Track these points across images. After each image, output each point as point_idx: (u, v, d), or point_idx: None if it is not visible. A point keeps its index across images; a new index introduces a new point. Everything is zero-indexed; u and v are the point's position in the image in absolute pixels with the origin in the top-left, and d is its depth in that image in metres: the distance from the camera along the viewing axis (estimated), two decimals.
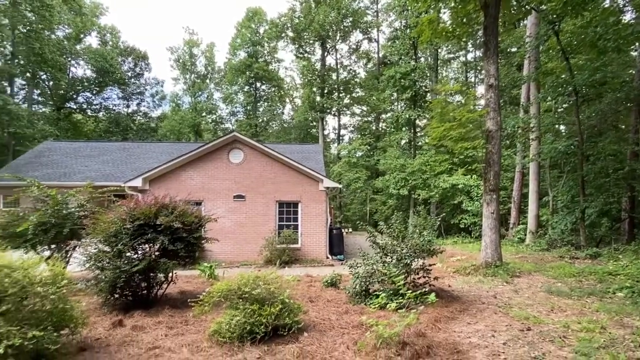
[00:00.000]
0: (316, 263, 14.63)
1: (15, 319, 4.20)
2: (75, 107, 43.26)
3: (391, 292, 6.95)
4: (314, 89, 41.02)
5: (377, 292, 7.41)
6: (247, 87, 46.71)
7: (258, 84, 47.03)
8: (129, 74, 45.33)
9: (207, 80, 50.17)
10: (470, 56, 40.55)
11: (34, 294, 4.41)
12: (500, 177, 12.48)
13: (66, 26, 38.40)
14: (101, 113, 44.58)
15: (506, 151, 23.39)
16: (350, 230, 32.14)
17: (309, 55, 42.11)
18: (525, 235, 19.59)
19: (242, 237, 15.24)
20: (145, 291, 7.40)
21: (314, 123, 44.27)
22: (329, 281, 9.43)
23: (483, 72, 15.03)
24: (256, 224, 15.53)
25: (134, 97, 45.97)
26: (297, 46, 42.23)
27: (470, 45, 37.51)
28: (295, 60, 45.09)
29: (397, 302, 5.77)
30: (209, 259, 13.47)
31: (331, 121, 60.04)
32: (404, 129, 32.65)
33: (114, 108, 44.84)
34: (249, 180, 15.75)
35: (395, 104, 35.68)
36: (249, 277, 5.60)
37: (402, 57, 31.78)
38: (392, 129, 33.82)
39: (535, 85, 19.70)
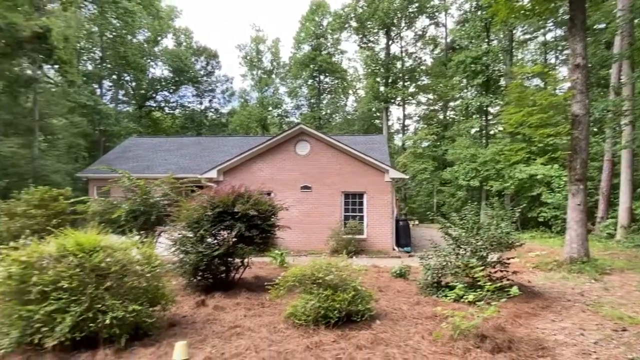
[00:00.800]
0: (382, 254, 14.52)
1: (117, 294, 4.71)
2: (154, 105, 46.89)
3: (466, 284, 6.70)
4: (378, 79, 40.38)
5: (451, 284, 7.19)
6: (310, 80, 47.26)
7: (321, 77, 47.37)
8: (202, 72, 47.99)
9: (273, 75, 51.52)
10: (550, 36, 37.25)
11: (132, 272, 4.90)
12: (587, 166, 11.40)
13: (145, 30, 41.61)
14: (177, 110, 47.89)
15: (593, 138, 21.27)
16: (417, 222, 31.38)
17: (373, 45, 41.51)
18: (615, 230, 17.75)
19: (309, 227, 15.54)
20: (224, 274, 7.88)
21: (378, 114, 43.67)
22: (397, 272, 9.33)
23: (566, 52, 13.72)
24: (322, 214, 15.76)
25: (206, 94, 48.66)
26: (360, 36, 41.80)
27: (550, 23, 34.42)
28: (359, 50, 44.70)
29: (474, 295, 5.56)
30: (278, 247, 13.95)
31: (395, 111, 58.71)
32: (474, 116, 31.00)
33: (188, 105, 47.91)
34: (315, 171, 16.00)
35: (465, 90, 33.98)
36: (322, 263, 5.73)
37: (473, 40, 30.10)
38: (462, 117, 32.28)
39: (628, 63, 17.61)
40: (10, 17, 19.64)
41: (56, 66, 25.76)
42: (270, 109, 50.49)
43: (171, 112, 47.78)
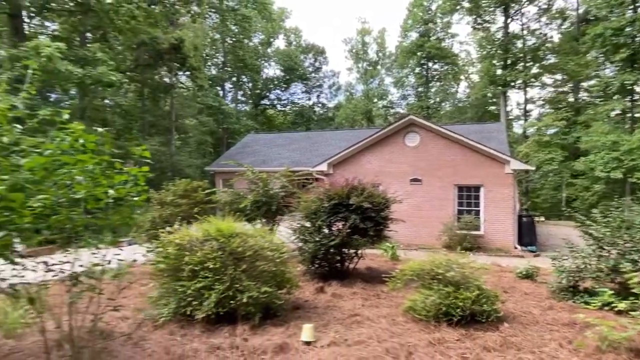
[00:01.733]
0: (502, 252, 13.46)
1: (251, 276, 5.21)
2: (268, 103, 50.30)
3: (612, 291, 5.86)
4: (495, 61, 37.16)
5: (591, 290, 6.37)
6: (418, 69, 45.73)
7: (430, 64, 45.44)
8: (310, 69, 49.85)
9: (379, 67, 51.15)
10: None
11: (263, 257, 5.38)
12: None
13: (259, 33, 44.76)
14: (288, 107, 50.63)
15: None
16: (542, 219, 28.26)
17: (489, 25, 38.24)
18: None
19: (419, 221, 15.12)
20: (339, 264, 8.15)
21: (494, 99, 40.30)
22: (523, 273, 8.58)
23: None
24: (433, 208, 15.21)
25: (314, 90, 50.50)
26: (474, 17, 38.86)
27: None
28: (471, 32, 41.66)
29: (625, 303, 4.83)
30: (388, 240, 13.91)
31: (514, 96, 53.58)
32: (615, 97, 26.59)
33: (298, 102, 50.30)
34: (425, 163, 15.49)
35: (603, 67, 29.33)
36: (441, 259, 5.55)
37: (614, 9, 25.74)
38: (599, 99, 27.96)
39: None
40: (152, 32, 22.88)
41: (187, 73, 29.28)
42: (375, 100, 50.30)
43: (282, 109, 50.70)
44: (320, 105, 51.82)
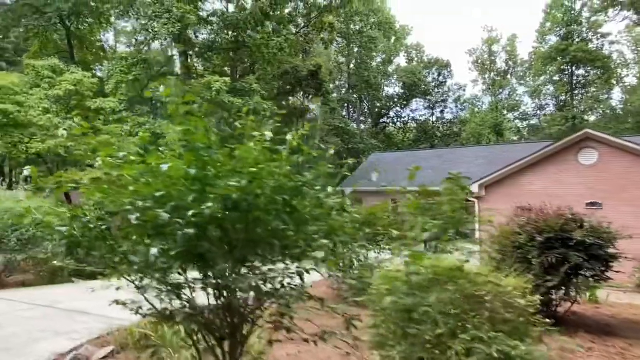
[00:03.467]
0: None
1: (492, 325, 4.55)
2: (387, 121, 49.89)
3: None
4: None
5: None
6: (558, 76, 40.85)
7: (574, 69, 40.23)
8: (433, 84, 48.18)
9: (509, 76, 47.20)
10: None
11: (504, 303, 4.69)
12: None
13: (382, 53, 44.96)
14: (408, 124, 49.47)
15: None
16: None
17: None
18: None
19: None
20: (545, 307, 7.03)
21: None
22: None
23: None
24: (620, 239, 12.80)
25: (437, 105, 48.54)
26: (632, 12, 33.43)
27: None
28: (625, 29, 35.87)
29: None
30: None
31: None
32: None
33: (420, 118, 48.88)
34: (606, 184, 13.26)
35: None
36: None
37: None
38: None
39: None
40: (293, 61, 24.43)
41: (321, 97, 30.60)
42: (505, 112, 46.34)
43: (403, 126, 49.75)
44: (444, 120, 49.61)
